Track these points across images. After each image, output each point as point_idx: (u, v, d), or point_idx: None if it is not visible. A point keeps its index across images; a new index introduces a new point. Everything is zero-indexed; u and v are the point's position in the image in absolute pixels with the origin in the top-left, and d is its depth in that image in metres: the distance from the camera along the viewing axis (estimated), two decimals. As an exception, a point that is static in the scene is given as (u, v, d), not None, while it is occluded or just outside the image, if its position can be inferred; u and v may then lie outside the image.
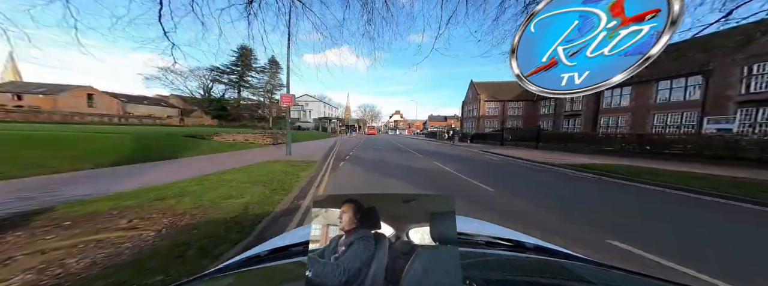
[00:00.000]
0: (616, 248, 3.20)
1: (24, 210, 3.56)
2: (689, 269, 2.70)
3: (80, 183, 5.65)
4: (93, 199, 4.31)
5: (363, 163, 11.03)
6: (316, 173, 8.44)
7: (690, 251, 3.16)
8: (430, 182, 7.42)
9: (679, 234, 3.77)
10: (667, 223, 4.30)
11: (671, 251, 3.13)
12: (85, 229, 2.92)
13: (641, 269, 1.74)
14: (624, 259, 2.95)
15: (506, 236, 1.02)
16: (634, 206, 5.27)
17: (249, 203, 4.31)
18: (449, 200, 0.52)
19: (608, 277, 0.68)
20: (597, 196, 6.17)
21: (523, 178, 8.40)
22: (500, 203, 5.26)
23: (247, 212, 3.90)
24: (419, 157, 14.18)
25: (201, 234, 2.96)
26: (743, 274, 2.66)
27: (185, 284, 0.67)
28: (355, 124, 62.87)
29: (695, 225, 4.17)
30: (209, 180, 6.08)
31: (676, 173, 8.63)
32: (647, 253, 3.06)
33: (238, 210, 3.91)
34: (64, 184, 5.49)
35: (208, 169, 7.86)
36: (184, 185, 5.53)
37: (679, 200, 5.85)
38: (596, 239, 3.47)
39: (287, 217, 3.92)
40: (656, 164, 11.72)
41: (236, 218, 3.56)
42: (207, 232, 3.05)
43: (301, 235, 1.12)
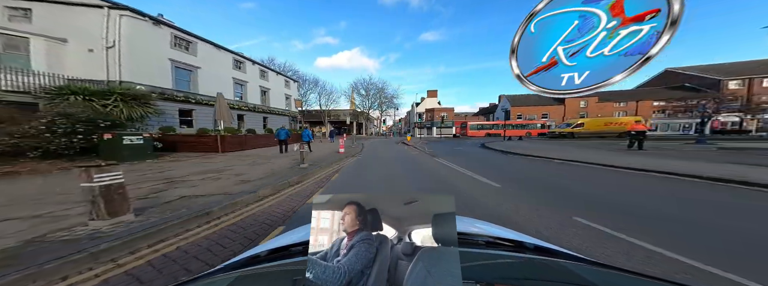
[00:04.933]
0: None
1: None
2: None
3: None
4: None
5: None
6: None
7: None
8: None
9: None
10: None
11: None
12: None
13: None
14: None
15: (506, 236, 1.02)
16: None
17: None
18: (449, 201, 0.52)
19: (608, 277, 0.68)
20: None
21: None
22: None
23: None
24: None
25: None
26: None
27: (185, 284, 0.67)
28: (347, 120, 27.21)
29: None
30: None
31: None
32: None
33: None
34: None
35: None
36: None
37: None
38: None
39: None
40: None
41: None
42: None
43: (301, 235, 1.12)
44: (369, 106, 49.59)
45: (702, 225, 2.75)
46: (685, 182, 5.04)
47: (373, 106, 50.31)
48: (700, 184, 4.82)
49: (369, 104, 49.62)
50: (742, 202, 3.64)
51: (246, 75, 19.88)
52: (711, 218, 2.98)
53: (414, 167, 6.95)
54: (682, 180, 5.16)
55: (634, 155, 8.37)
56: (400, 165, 7.44)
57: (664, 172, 5.39)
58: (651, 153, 9.21)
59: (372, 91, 50.01)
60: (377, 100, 49.92)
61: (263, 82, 22.63)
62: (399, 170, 6.52)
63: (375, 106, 50.46)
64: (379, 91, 50.00)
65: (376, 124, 60.20)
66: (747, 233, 2.58)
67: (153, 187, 4.30)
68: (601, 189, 4.42)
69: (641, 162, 6.19)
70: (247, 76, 19.92)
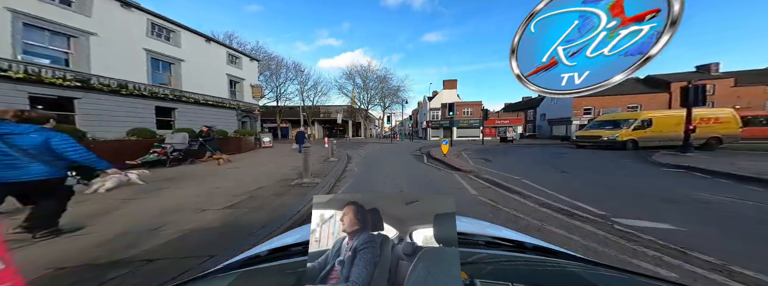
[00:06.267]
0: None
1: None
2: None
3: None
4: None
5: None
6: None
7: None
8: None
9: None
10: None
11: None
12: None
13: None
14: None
15: (506, 236, 1.02)
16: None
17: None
18: (449, 201, 0.52)
19: (608, 277, 0.68)
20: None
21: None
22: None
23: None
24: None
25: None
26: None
27: (185, 283, 0.67)
28: (339, 118, 25.41)
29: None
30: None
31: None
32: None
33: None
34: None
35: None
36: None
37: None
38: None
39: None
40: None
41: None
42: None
43: (300, 235, 1.12)
44: (368, 100, 38.83)
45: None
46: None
47: (373, 101, 39.31)
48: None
49: (368, 97, 38.70)
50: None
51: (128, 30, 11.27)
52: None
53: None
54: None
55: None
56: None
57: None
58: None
59: (371, 82, 38.36)
60: (379, 93, 38.61)
61: (171, 48, 13.45)
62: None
63: (376, 101, 39.41)
64: (380, 80, 38.59)
65: (378, 125, 48.66)
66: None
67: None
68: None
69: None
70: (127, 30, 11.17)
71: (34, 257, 2.25)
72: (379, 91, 38.89)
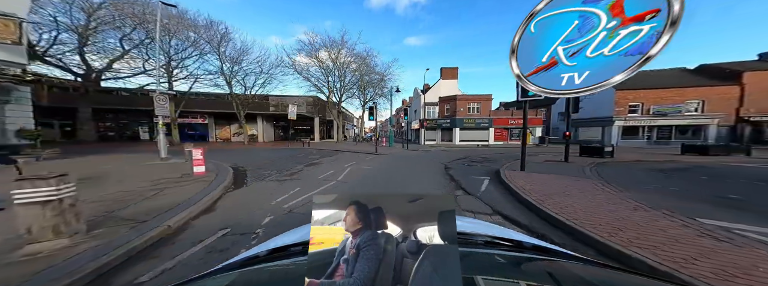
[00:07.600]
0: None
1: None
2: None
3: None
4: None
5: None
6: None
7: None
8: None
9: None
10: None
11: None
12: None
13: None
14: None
15: (506, 236, 1.02)
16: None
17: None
18: (450, 200, 0.53)
19: (608, 277, 0.68)
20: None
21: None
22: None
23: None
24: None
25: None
26: None
27: (185, 283, 0.67)
28: (295, 111, 17.68)
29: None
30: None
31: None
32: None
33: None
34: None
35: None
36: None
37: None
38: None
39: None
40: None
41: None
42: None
43: (300, 235, 1.12)
44: (341, 90, 27.26)
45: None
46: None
47: (349, 92, 28.11)
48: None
49: (341, 86, 27.06)
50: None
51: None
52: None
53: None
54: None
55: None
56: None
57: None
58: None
59: (346, 58, 25.95)
60: (357, 80, 27.30)
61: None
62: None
63: (354, 91, 28.21)
64: (359, 60, 26.48)
65: (356, 124, 38.21)
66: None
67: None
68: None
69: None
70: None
71: None
72: (357, 79, 27.40)
